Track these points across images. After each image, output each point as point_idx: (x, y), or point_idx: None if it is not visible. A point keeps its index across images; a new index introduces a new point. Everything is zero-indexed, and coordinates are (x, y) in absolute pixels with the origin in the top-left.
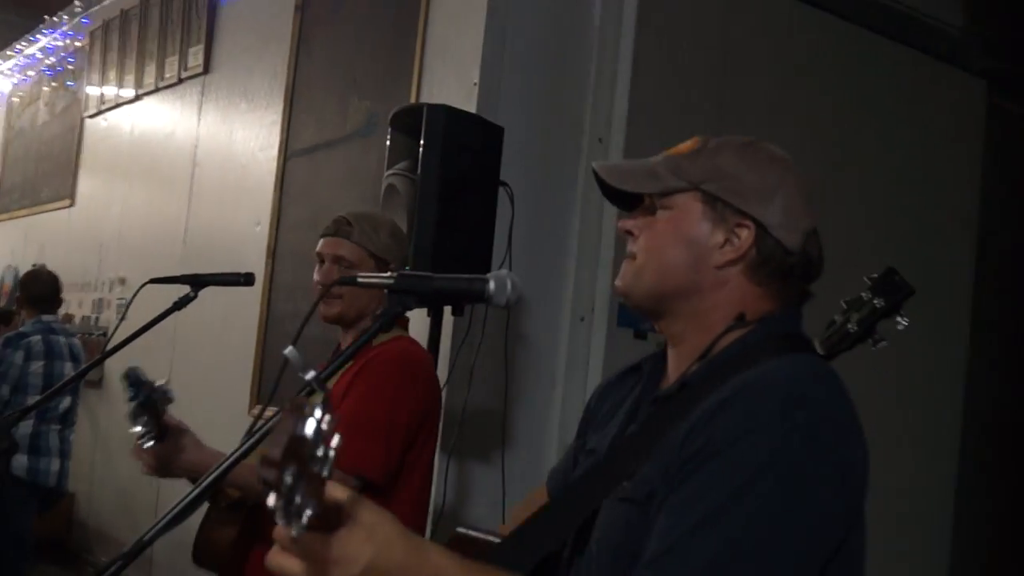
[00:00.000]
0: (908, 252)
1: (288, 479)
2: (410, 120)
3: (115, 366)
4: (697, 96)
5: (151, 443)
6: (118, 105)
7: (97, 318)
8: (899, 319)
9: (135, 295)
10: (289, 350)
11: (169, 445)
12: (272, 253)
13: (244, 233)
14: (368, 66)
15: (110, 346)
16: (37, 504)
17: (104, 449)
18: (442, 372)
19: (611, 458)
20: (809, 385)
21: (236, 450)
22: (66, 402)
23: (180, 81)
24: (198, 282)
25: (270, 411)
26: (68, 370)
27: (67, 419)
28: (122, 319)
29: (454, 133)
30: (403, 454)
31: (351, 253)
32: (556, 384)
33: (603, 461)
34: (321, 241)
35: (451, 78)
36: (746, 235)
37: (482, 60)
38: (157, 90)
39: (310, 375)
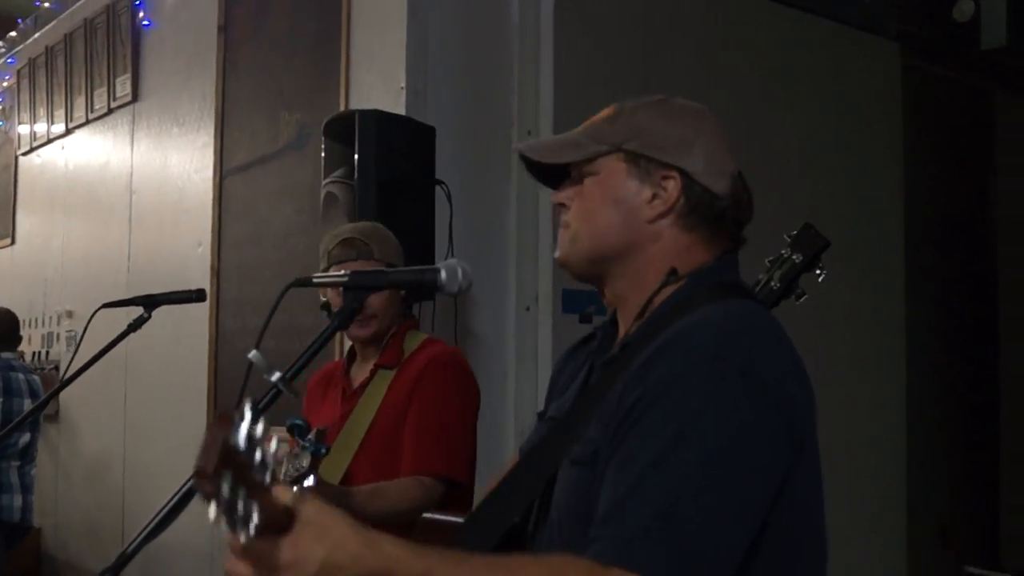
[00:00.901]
0: (840, 216)
1: (225, 488)
2: (342, 128)
3: (72, 395)
4: (622, 82)
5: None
6: (51, 140)
7: (47, 352)
8: (818, 271)
9: (89, 322)
10: (253, 354)
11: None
12: (217, 272)
13: (187, 255)
14: (295, 80)
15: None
16: (4, 541)
17: (66, 481)
18: None
19: (563, 424)
20: (739, 327)
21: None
22: (25, 438)
23: (110, 111)
24: (151, 303)
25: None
26: (27, 406)
27: (26, 455)
28: (77, 348)
29: (387, 137)
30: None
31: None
32: (507, 374)
33: (557, 427)
34: (343, 268)
35: (378, 84)
36: (672, 186)
37: (407, 64)
38: (88, 122)
39: (275, 376)
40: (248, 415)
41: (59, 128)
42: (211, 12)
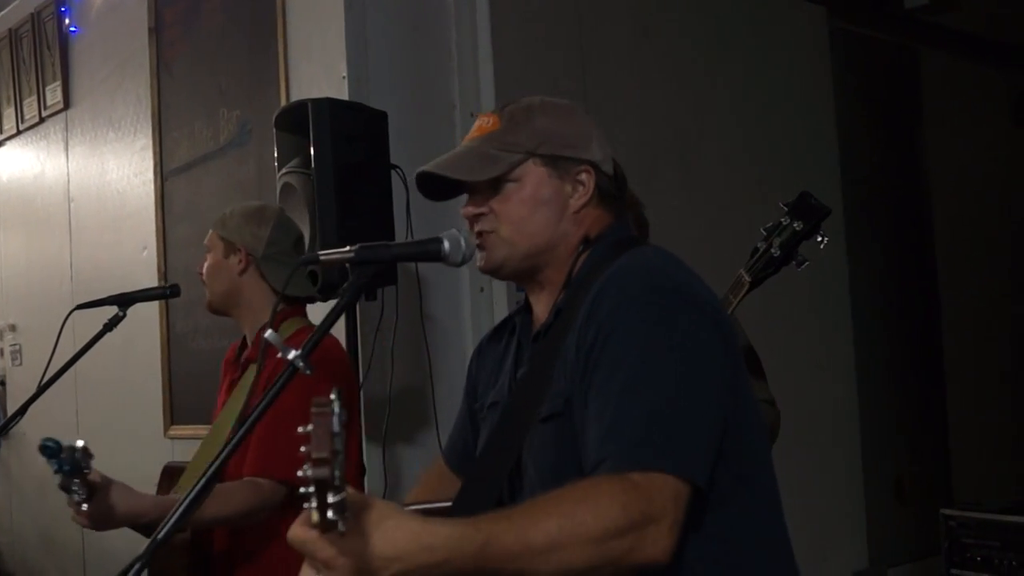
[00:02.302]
0: (779, 178)
1: (338, 474)
2: (293, 119)
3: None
4: (558, 55)
5: (85, 505)
6: None
7: None
8: (819, 238)
9: (63, 326)
10: (269, 333)
11: (100, 501)
12: (164, 274)
13: (132, 259)
14: (232, 76)
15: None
16: None
17: (20, 496)
18: (364, 359)
19: (517, 396)
20: (659, 261)
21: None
22: None
23: (42, 120)
24: (125, 301)
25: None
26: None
27: None
28: (52, 355)
29: (340, 124)
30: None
31: (208, 240)
32: (466, 355)
33: (511, 402)
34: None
35: (319, 74)
36: (586, 177)
37: (346, 52)
38: (19, 133)
39: (292, 355)
40: (337, 404)
41: None
42: (140, 14)
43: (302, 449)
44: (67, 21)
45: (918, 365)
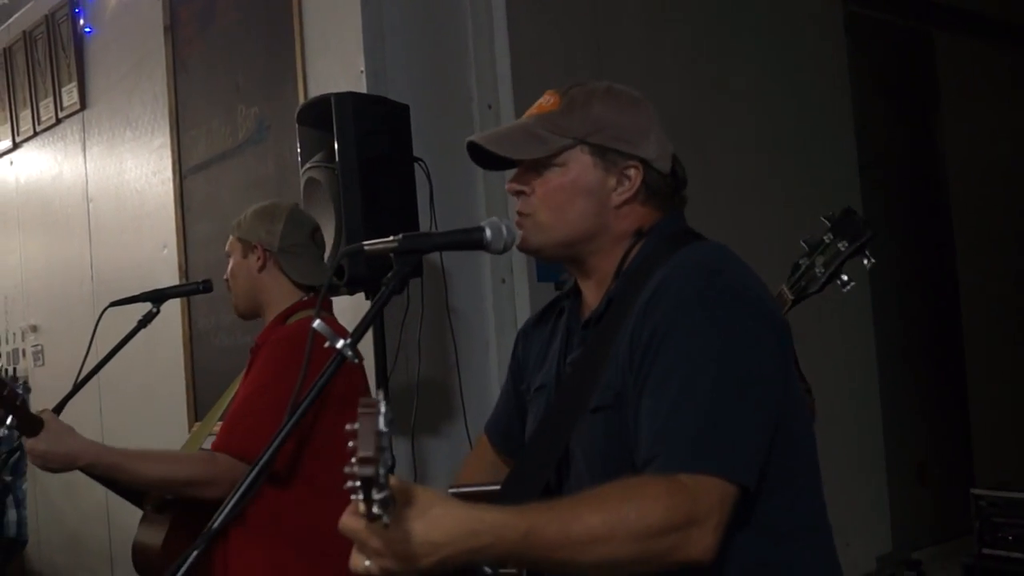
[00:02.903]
0: (796, 163)
1: (381, 472)
2: (316, 113)
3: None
4: (574, 46)
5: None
6: None
7: (14, 369)
8: (866, 260)
9: (98, 323)
10: (317, 323)
11: (42, 436)
12: (185, 272)
13: (153, 258)
14: (249, 73)
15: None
16: (2, 555)
17: (44, 498)
18: (390, 351)
19: (567, 383)
20: (716, 259)
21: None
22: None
23: (59, 121)
24: (158, 297)
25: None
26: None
27: (18, 469)
28: (88, 352)
29: (364, 118)
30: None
31: (229, 245)
32: (489, 346)
33: (561, 389)
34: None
35: (336, 70)
36: (634, 173)
37: (364, 47)
38: (36, 135)
39: (340, 344)
40: (384, 403)
41: (6, 144)
42: (155, 13)
43: (349, 444)
44: (81, 22)
45: (938, 349)
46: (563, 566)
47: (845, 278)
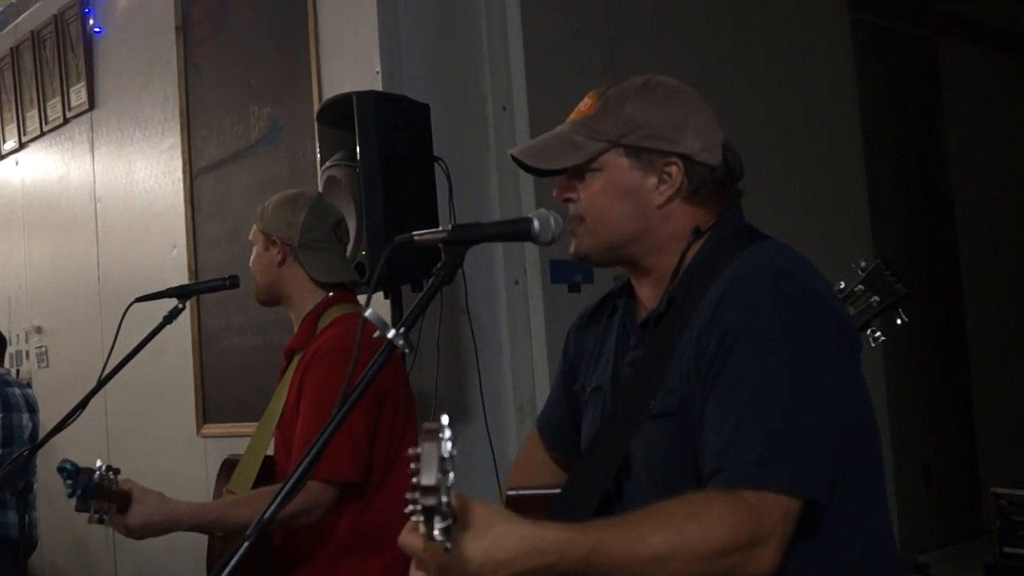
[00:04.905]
0: (804, 167)
1: (444, 499)
2: (335, 112)
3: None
4: (587, 46)
5: (106, 519)
6: (4, 157)
7: (18, 371)
8: (899, 320)
9: (123, 317)
10: (369, 312)
11: (136, 512)
12: (195, 272)
13: (161, 258)
14: (263, 74)
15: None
16: (11, 557)
17: (49, 502)
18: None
19: (626, 386)
20: (785, 261)
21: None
22: (25, 453)
23: (66, 122)
24: (184, 292)
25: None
26: (25, 421)
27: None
28: (112, 348)
29: (384, 116)
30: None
31: (252, 234)
32: (502, 348)
33: (620, 391)
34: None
35: (352, 70)
36: (675, 171)
37: (380, 47)
38: (43, 134)
39: (390, 334)
40: (447, 428)
41: (12, 144)
42: (166, 13)
43: (411, 466)
44: (91, 22)
45: (943, 352)
46: None
47: (877, 334)
